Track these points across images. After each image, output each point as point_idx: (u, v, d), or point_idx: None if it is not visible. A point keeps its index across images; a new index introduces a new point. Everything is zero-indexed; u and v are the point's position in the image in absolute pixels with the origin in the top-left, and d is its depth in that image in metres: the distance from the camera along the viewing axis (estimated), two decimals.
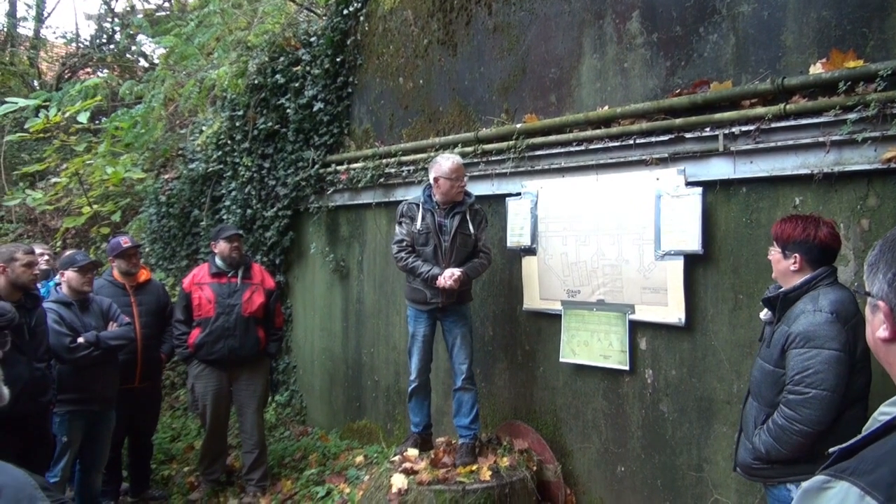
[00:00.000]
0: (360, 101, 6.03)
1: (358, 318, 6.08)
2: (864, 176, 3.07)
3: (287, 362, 6.95)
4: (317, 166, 6.18)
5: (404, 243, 4.30)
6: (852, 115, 3.01)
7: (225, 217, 6.92)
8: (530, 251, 4.48)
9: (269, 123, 6.47)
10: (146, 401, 5.18)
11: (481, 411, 4.68)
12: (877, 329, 1.17)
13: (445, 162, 4.22)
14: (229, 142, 6.95)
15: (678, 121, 3.69)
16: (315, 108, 6.12)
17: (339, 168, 6.01)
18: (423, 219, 4.26)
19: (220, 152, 7.12)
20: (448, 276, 4.12)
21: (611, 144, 4.03)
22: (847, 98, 3.04)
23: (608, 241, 4.03)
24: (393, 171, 5.48)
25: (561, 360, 4.32)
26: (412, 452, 4.40)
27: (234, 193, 6.81)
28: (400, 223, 4.36)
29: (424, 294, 4.27)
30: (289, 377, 6.94)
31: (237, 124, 6.82)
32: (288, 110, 6.30)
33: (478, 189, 4.74)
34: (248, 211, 6.66)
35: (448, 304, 4.28)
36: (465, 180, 4.29)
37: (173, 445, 6.27)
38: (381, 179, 5.59)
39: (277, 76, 6.39)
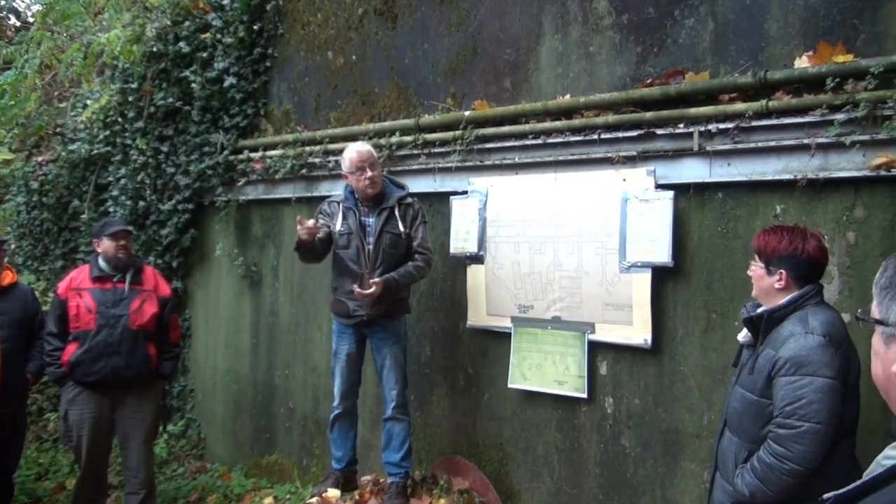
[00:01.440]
0: (281, 78, 5.94)
1: (271, 333, 5.97)
2: (852, 183, 3.18)
3: (183, 385, 6.78)
4: (226, 152, 6.06)
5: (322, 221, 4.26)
6: (840, 116, 3.12)
7: (111, 210, 6.73)
8: (477, 259, 4.47)
9: (170, 99, 6.33)
10: (6, 430, 4.92)
11: (415, 445, 4.63)
12: (892, 362, 1.17)
13: (348, 154, 4.18)
14: (120, 120, 6.77)
15: (648, 114, 3.75)
16: (226, 84, 6.01)
17: (252, 155, 5.92)
18: (345, 218, 4.22)
19: (107, 132, 6.94)
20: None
21: (572, 139, 4.06)
22: (835, 96, 3.15)
23: (567, 249, 4.06)
24: (317, 160, 5.40)
25: (509, 385, 4.32)
26: (333, 493, 4.32)
27: (123, 182, 6.64)
28: (317, 218, 4.31)
29: (347, 306, 4.21)
30: (185, 403, 6.78)
31: (130, 99, 6.63)
32: (193, 85, 6.17)
33: (417, 185, 4.71)
34: (141, 203, 6.50)
35: (376, 318, 4.22)
36: (376, 170, 4.18)
37: (39, 485, 6.02)
38: (304, 170, 5.51)
39: (181, 44, 6.26)
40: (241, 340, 6.25)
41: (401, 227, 4.21)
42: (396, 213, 4.23)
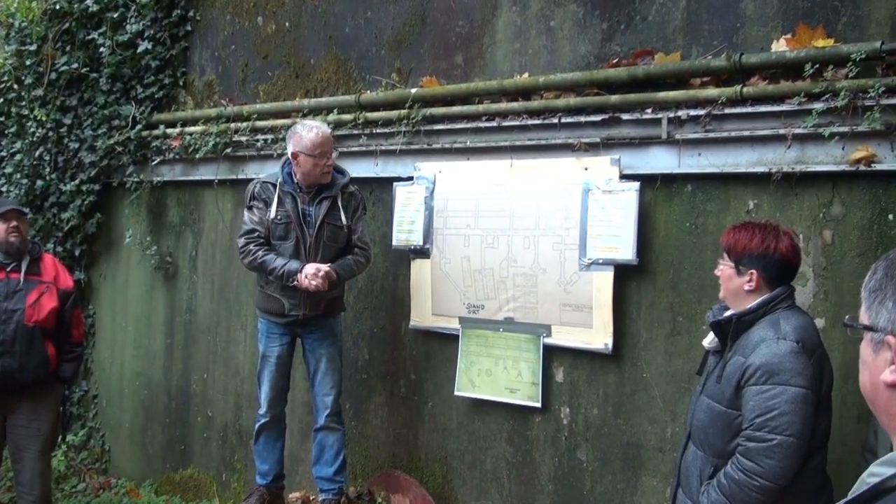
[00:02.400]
0: (203, 44, 5.87)
1: (187, 332, 5.92)
2: (829, 178, 3.27)
3: (85, 390, 6.71)
4: (139, 127, 6.00)
5: (256, 234, 4.17)
6: (819, 105, 3.19)
7: (4, 189, 6.65)
8: (422, 253, 4.47)
9: (75, 65, 6.26)
10: None
11: (350, 458, 4.63)
12: (880, 371, 1.20)
13: (307, 133, 4.11)
14: (15, 86, 6.65)
15: (614, 98, 3.79)
16: (140, 49, 5.94)
17: (169, 131, 5.85)
18: (282, 204, 4.16)
19: (0, 100, 6.82)
20: (311, 273, 4.01)
21: (530, 122, 4.08)
22: (814, 84, 3.22)
23: (522, 243, 4.08)
24: (244, 139, 5.35)
25: (456, 393, 4.34)
26: None
27: (18, 157, 6.55)
28: (250, 208, 4.23)
29: (281, 304, 4.17)
30: (87, 410, 6.70)
31: (28, 63, 6.52)
32: (101, 49, 6.09)
33: (357, 169, 4.69)
34: (39, 182, 6.43)
35: (312, 316, 4.20)
36: (334, 157, 4.21)
37: None
38: (228, 150, 5.46)
39: (88, 1, 6.16)
40: (153, 340, 6.17)
41: (343, 219, 4.20)
42: (339, 202, 4.20)
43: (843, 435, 3.07)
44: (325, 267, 4.04)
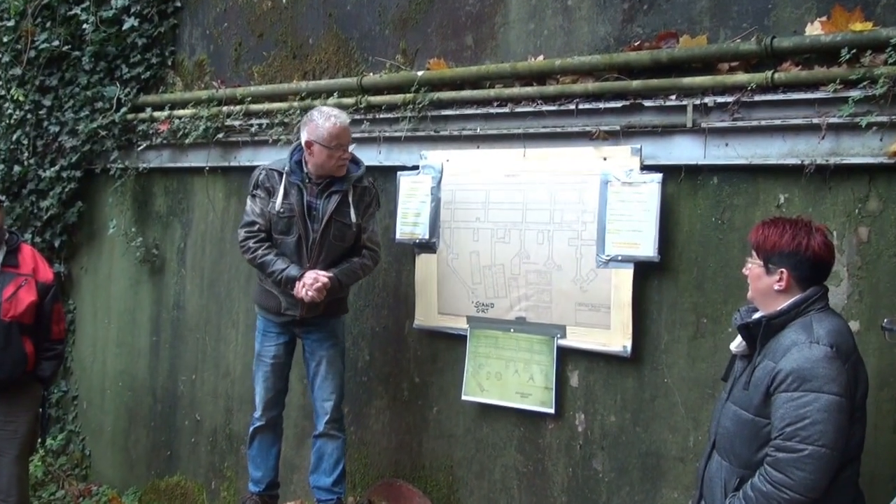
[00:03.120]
0: (193, 21, 5.87)
1: (175, 330, 5.93)
2: (866, 171, 3.27)
3: (64, 391, 6.72)
4: (123, 110, 6.00)
5: (256, 227, 4.15)
6: (855, 93, 3.19)
7: None
8: (428, 247, 4.48)
9: (55, 42, 6.26)
10: None
11: (349, 466, 4.64)
12: None
13: (324, 121, 4.02)
14: None
15: (635, 83, 3.79)
16: (125, 26, 5.93)
17: (156, 114, 5.85)
18: (287, 196, 4.11)
19: None
20: (309, 283, 4.01)
21: (545, 108, 4.09)
22: (850, 70, 3.22)
23: (535, 238, 4.10)
24: (237, 123, 5.36)
25: (463, 397, 4.35)
26: None
27: None
28: (253, 196, 4.20)
29: (278, 301, 4.18)
30: (66, 413, 6.72)
31: (5, 40, 6.53)
32: (84, 25, 6.09)
33: (359, 157, 4.69)
34: (17, 168, 6.44)
35: (310, 317, 4.22)
36: (352, 148, 4.16)
37: None
38: (220, 135, 5.46)
39: None
40: (138, 338, 6.18)
41: (353, 217, 4.14)
42: (350, 198, 4.15)
43: (877, 446, 3.08)
44: (324, 277, 4.02)
